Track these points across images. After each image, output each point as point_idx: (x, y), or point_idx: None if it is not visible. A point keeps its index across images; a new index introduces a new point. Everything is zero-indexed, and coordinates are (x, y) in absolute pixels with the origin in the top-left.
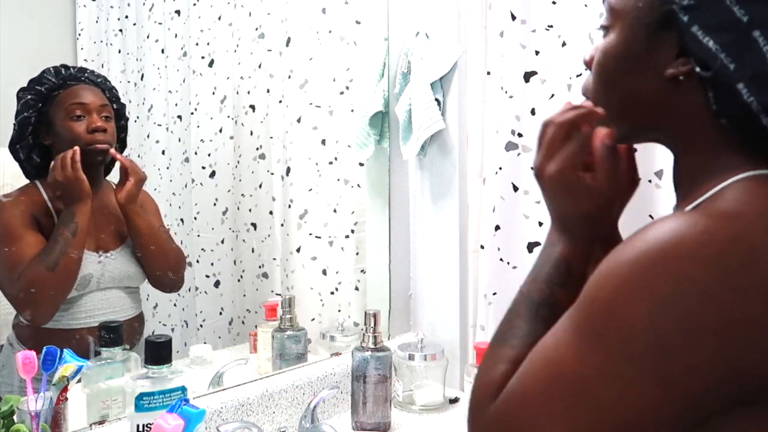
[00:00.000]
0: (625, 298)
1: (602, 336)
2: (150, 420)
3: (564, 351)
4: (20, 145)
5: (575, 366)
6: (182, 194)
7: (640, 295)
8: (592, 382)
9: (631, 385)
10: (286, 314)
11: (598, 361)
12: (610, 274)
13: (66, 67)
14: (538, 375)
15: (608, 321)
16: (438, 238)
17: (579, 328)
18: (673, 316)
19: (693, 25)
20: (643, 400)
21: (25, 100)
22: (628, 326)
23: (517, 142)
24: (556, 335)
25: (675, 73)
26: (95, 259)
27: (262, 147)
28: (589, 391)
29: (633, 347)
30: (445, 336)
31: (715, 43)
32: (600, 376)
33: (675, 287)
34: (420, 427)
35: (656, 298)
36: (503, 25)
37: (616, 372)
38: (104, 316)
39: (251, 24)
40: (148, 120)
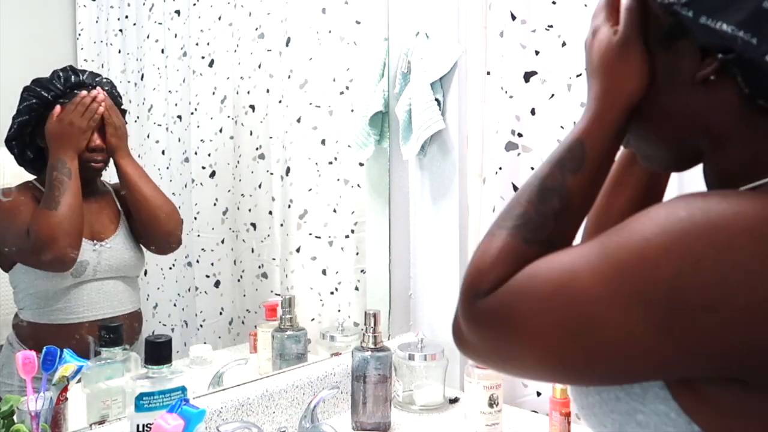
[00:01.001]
0: (665, 248)
1: (625, 269)
2: (150, 420)
3: (583, 266)
4: (16, 142)
5: (588, 284)
6: (182, 194)
7: (682, 251)
8: (598, 304)
9: (634, 322)
10: (286, 314)
11: (612, 289)
12: (660, 220)
13: (75, 73)
14: (548, 277)
15: (638, 259)
16: (438, 238)
17: (606, 251)
18: (703, 279)
19: (700, 17)
20: (640, 341)
21: (29, 103)
22: (656, 272)
23: (517, 142)
24: (580, 249)
25: (705, 74)
26: (90, 247)
27: (261, 147)
28: (591, 311)
29: (651, 292)
30: (445, 336)
31: (729, 24)
32: (607, 302)
33: (717, 255)
34: (420, 427)
35: (695, 258)
36: (503, 25)
37: (624, 305)
38: (102, 310)
39: (251, 24)
40: (148, 120)
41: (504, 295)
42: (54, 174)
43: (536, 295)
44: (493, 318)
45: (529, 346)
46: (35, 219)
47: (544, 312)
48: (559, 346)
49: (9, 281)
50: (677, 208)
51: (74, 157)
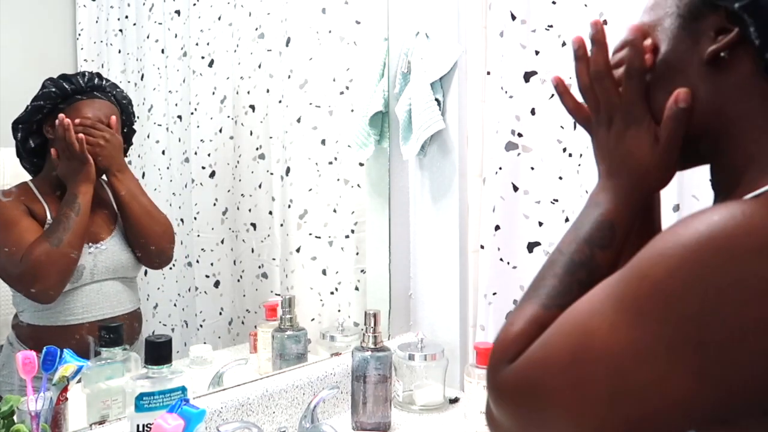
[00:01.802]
0: (680, 282)
1: (645, 315)
2: (150, 420)
3: (599, 322)
4: (23, 126)
5: (608, 339)
6: (182, 194)
7: (697, 283)
8: (623, 359)
9: (663, 372)
10: (286, 314)
11: (634, 340)
12: (667, 253)
13: (99, 77)
14: (565, 340)
15: (655, 301)
16: (438, 238)
17: (621, 301)
18: (726, 309)
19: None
20: (673, 390)
21: (48, 90)
22: (676, 311)
23: (517, 142)
24: (591, 303)
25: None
26: (85, 250)
27: (261, 147)
28: (617, 368)
29: (675, 333)
30: (445, 336)
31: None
32: (632, 355)
33: (736, 280)
34: (420, 427)
35: (713, 289)
36: (503, 25)
37: (651, 355)
38: (101, 311)
39: (251, 24)
40: (148, 120)
41: (523, 367)
42: (65, 209)
43: (556, 364)
44: (517, 392)
45: (560, 418)
46: (35, 247)
47: (568, 377)
48: (592, 414)
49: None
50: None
51: (86, 192)
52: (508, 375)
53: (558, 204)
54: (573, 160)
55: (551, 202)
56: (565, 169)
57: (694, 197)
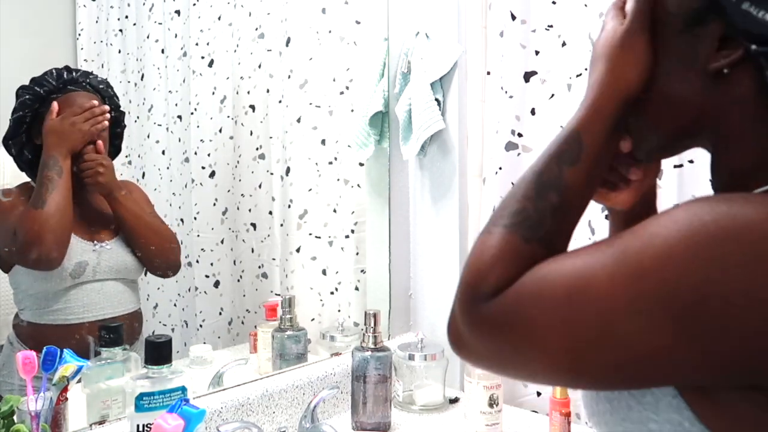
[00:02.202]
0: (689, 253)
1: (646, 273)
2: (150, 420)
3: (599, 269)
4: (13, 142)
5: (605, 286)
6: (182, 194)
7: (707, 257)
8: (616, 308)
9: (653, 327)
10: (286, 314)
11: (631, 293)
12: (683, 224)
13: (69, 71)
14: (562, 280)
15: (660, 263)
16: (438, 238)
17: (624, 254)
18: (729, 287)
19: (743, 2)
20: (660, 346)
21: (23, 99)
22: (678, 277)
23: (517, 142)
24: (595, 250)
25: (720, 65)
26: (90, 247)
27: (261, 147)
28: (608, 314)
29: (671, 296)
30: (445, 336)
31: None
32: (626, 306)
33: (746, 263)
34: (420, 427)
35: (722, 266)
36: (503, 25)
37: (643, 309)
38: (102, 310)
39: (251, 24)
40: (148, 120)
41: (512, 298)
42: (45, 172)
43: (549, 299)
44: (500, 323)
45: (541, 352)
46: (21, 218)
47: (558, 318)
48: (574, 352)
49: (9, 282)
50: (701, 212)
51: (67, 156)
52: (494, 307)
53: None
54: None
55: None
56: None
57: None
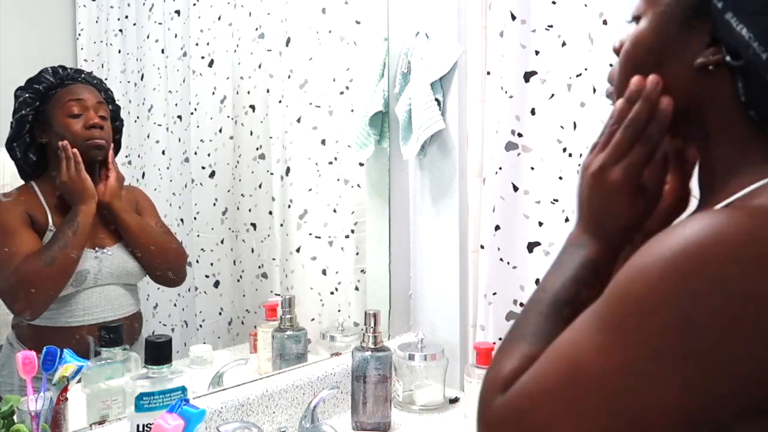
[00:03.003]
0: (659, 295)
1: (629, 331)
2: (150, 420)
3: (585, 346)
4: (17, 143)
5: (596, 361)
6: (182, 194)
7: (676, 293)
8: (613, 378)
9: (654, 383)
10: (286, 314)
11: (622, 358)
12: (645, 269)
13: (63, 68)
14: (553, 369)
15: (638, 317)
16: (438, 238)
17: (603, 322)
18: (707, 316)
19: (727, 12)
20: (666, 399)
21: (23, 98)
22: (659, 323)
23: (517, 142)
24: (576, 330)
25: (705, 62)
26: (91, 255)
27: (261, 147)
28: (608, 387)
29: (661, 344)
30: (445, 336)
31: (749, 31)
32: (622, 372)
33: (712, 287)
34: (420, 427)
35: (692, 297)
36: (503, 25)
37: (640, 369)
38: (102, 313)
39: (251, 24)
40: (148, 120)
41: (515, 397)
42: (63, 227)
43: (548, 391)
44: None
45: None
46: (27, 263)
47: (562, 405)
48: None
49: None
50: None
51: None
52: (500, 407)
53: (558, 204)
54: (573, 160)
55: (551, 202)
56: (565, 169)
57: (694, 197)
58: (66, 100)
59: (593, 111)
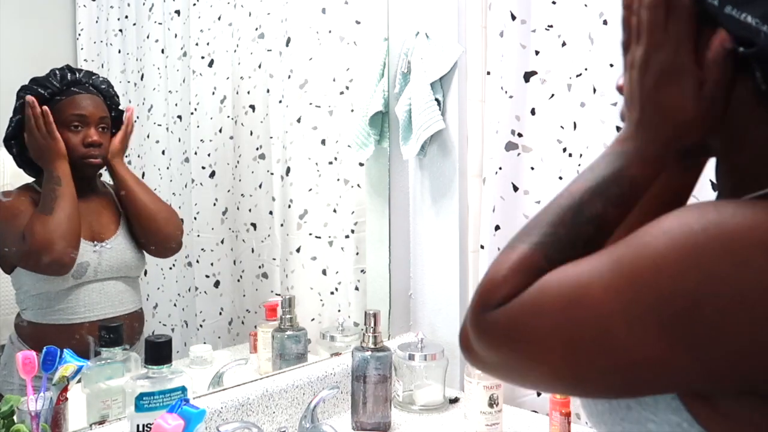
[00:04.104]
0: (680, 260)
1: (640, 282)
2: (150, 420)
3: (595, 280)
4: (15, 142)
5: (601, 297)
6: (182, 194)
7: (697, 265)
8: (612, 319)
9: (649, 335)
10: (286, 314)
11: (626, 302)
12: (674, 233)
13: (72, 71)
14: (560, 291)
15: (653, 271)
16: (438, 238)
17: (619, 264)
18: (721, 294)
19: (725, 6)
20: (656, 354)
21: (25, 101)
22: (671, 285)
23: (517, 142)
24: (591, 261)
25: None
26: (90, 248)
27: (262, 147)
28: (604, 326)
29: (666, 305)
30: (445, 336)
31: (754, 17)
32: (621, 315)
33: (734, 270)
34: (420, 427)
35: (711, 273)
36: (503, 25)
37: (639, 318)
38: (103, 310)
39: (251, 24)
40: (148, 120)
41: (514, 309)
42: (46, 185)
43: (547, 309)
44: (504, 332)
45: (541, 361)
46: (30, 224)
47: (556, 327)
48: (572, 361)
49: (11, 283)
50: (690, 220)
51: (60, 165)
52: (498, 316)
53: None
54: (573, 160)
55: None
56: (565, 169)
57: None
58: (68, 113)
59: (593, 111)
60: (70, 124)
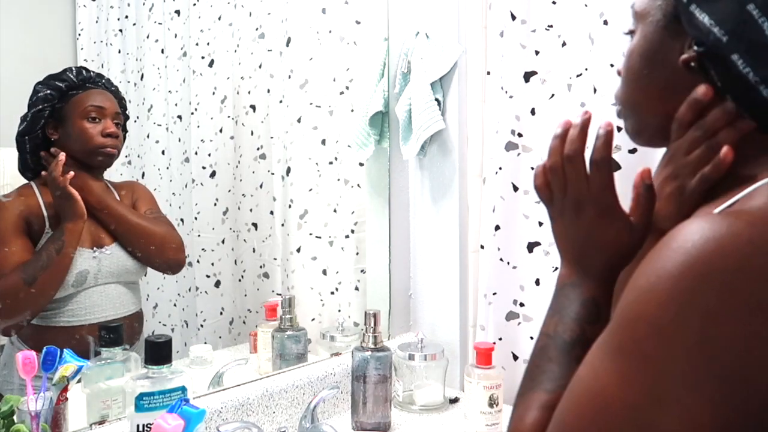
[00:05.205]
0: (674, 314)
1: (650, 357)
2: (150, 420)
3: (606, 379)
4: (29, 137)
5: (621, 391)
6: (182, 194)
7: (690, 311)
8: (643, 408)
9: (686, 406)
10: (286, 314)
11: (648, 385)
12: (653, 289)
13: (87, 70)
14: (579, 411)
15: (656, 340)
16: (438, 238)
17: (620, 350)
18: (725, 330)
19: (691, 4)
20: (698, 420)
21: (43, 93)
22: (679, 343)
23: (517, 142)
24: (592, 366)
25: (686, 59)
26: (89, 255)
27: (262, 147)
28: (638, 416)
29: (685, 365)
30: (445, 336)
31: (710, 18)
32: (651, 401)
33: (725, 301)
34: (420, 427)
35: (707, 313)
36: (503, 25)
37: (669, 394)
38: (103, 312)
39: (251, 24)
40: (148, 120)
41: None
42: (48, 244)
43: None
44: None
45: None
46: (8, 278)
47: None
48: None
49: None
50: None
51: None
52: None
53: None
54: None
55: None
56: None
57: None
58: (87, 104)
59: (593, 111)
60: (88, 116)
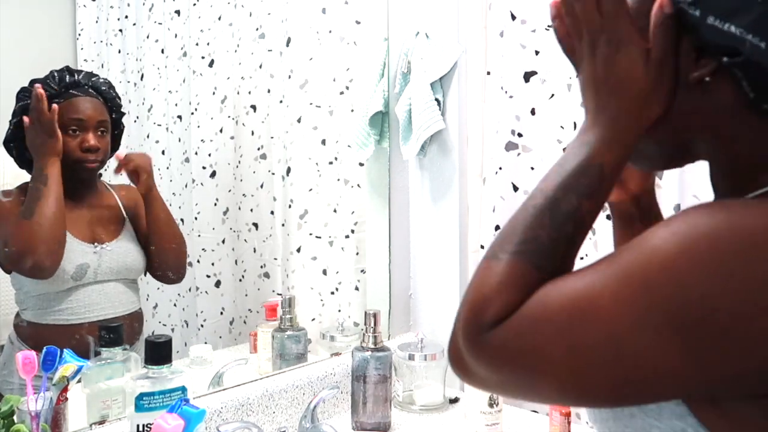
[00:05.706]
0: (691, 267)
1: (651, 289)
2: (150, 420)
3: (601, 289)
4: (14, 144)
5: (610, 308)
6: (183, 194)
7: (707, 271)
8: (621, 327)
9: (661, 344)
10: (286, 314)
11: (637, 311)
12: (683, 236)
13: (71, 73)
14: (564, 304)
15: (664, 277)
16: (438, 238)
17: (626, 271)
18: (734, 299)
19: (708, 17)
20: (668, 363)
21: (23, 103)
22: (683, 292)
23: (517, 142)
24: (592, 272)
25: (700, 75)
26: (90, 249)
27: (262, 147)
28: (615, 335)
29: (678, 311)
30: (445, 336)
31: (738, 27)
32: (632, 325)
33: (748, 273)
34: (420, 427)
35: (725, 277)
36: (503, 25)
37: (651, 327)
38: (103, 311)
39: (251, 24)
40: (148, 120)
41: (514, 326)
42: (32, 183)
43: (553, 325)
44: (506, 351)
45: (549, 377)
46: (9, 229)
47: (564, 342)
48: (581, 375)
49: (11, 283)
50: (699, 221)
51: (51, 163)
52: (498, 335)
53: None
54: None
55: None
56: None
57: (695, 197)
58: (66, 117)
59: None
60: (68, 128)
